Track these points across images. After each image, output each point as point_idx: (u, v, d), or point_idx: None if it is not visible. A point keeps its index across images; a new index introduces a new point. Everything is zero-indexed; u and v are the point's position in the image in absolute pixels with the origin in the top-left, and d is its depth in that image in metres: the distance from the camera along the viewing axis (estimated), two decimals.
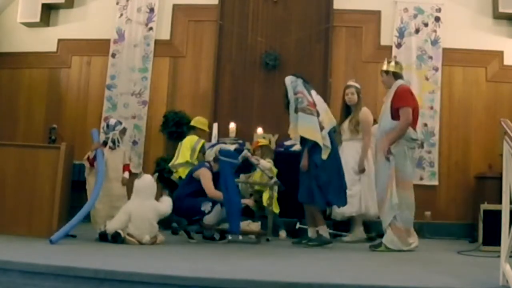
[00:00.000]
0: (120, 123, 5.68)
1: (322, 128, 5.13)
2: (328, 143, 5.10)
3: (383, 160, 5.04)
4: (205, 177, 5.28)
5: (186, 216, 5.25)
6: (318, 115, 5.17)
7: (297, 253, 4.57)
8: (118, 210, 5.05)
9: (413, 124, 5.12)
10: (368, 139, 5.72)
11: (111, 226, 4.82)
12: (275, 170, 6.14)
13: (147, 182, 5.01)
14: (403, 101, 5.06)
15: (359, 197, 5.73)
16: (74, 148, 5.43)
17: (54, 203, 4.80)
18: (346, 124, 5.85)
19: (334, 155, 5.18)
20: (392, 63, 5.33)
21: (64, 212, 4.98)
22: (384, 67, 5.32)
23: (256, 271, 3.38)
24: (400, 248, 4.96)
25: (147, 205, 4.86)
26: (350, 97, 5.85)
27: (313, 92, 5.34)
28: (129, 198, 5.20)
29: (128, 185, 5.45)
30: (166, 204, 5.01)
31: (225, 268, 3.46)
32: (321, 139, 5.03)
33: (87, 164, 5.47)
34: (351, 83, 5.99)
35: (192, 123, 6.82)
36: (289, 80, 5.37)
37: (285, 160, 6.32)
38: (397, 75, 5.28)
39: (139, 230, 4.75)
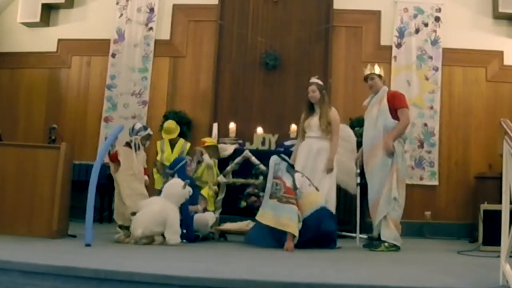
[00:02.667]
0: (145, 129, 5.57)
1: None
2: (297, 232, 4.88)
3: (381, 160, 5.08)
4: None
5: None
6: (297, 199, 4.90)
7: (297, 253, 4.56)
8: (135, 207, 5.12)
9: None
10: (337, 139, 5.65)
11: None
12: (216, 171, 6.23)
13: (173, 185, 5.04)
14: (402, 103, 5.25)
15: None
16: (74, 148, 5.42)
17: (54, 203, 4.80)
18: (314, 121, 5.64)
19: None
20: (377, 67, 5.38)
21: (64, 212, 4.98)
22: (375, 71, 5.36)
23: (256, 271, 3.38)
24: (398, 241, 5.02)
25: (161, 205, 4.86)
26: (311, 94, 5.68)
27: (298, 175, 5.09)
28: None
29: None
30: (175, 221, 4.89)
31: (225, 268, 3.46)
32: (296, 229, 4.77)
33: (109, 161, 5.41)
34: (313, 80, 5.81)
35: (164, 136, 6.87)
36: (273, 162, 5.14)
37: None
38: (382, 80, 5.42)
39: (138, 221, 4.77)
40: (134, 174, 5.36)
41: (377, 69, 5.38)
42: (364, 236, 5.77)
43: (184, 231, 5.04)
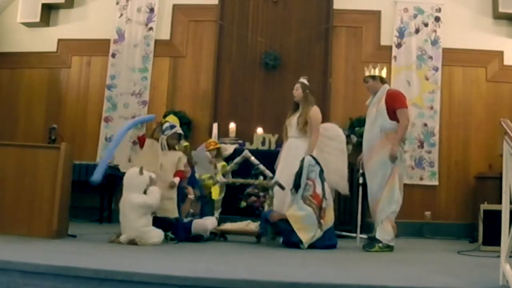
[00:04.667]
0: (172, 127, 5.41)
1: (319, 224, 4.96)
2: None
3: (379, 161, 5.08)
4: None
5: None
6: (319, 209, 4.97)
7: (297, 253, 4.57)
8: (160, 210, 5.00)
9: None
10: (315, 137, 5.62)
11: None
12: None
13: (129, 175, 4.89)
14: (400, 103, 5.17)
15: None
16: (74, 148, 5.40)
17: (54, 203, 4.79)
18: (293, 120, 5.69)
19: None
20: (378, 68, 5.36)
21: (64, 212, 4.97)
22: (371, 72, 5.35)
23: (256, 271, 3.38)
24: (393, 241, 5.00)
25: (128, 199, 4.76)
26: (294, 92, 5.72)
27: (326, 184, 5.16)
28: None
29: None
30: (145, 196, 4.75)
31: (225, 268, 3.46)
32: (305, 234, 4.84)
33: (138, 141, 5.37)
34: (300, 79, 5.84)
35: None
36: (307, 162, 5.15)
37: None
38: (383, 80, 5.35)
39: (122, 225, 4.74)
40: (158, 173, 5.16)
41: (372, 71, 5.36)
42: (364, 236, 5.77)
43: (172, 235, 5.02)
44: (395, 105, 5.15)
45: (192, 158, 6.50)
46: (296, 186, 5.14)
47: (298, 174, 5.14)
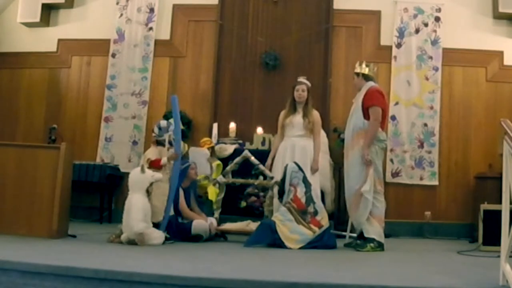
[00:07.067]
0: (170, 124, 5.47)
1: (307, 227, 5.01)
2: None
3: (354, 159, 5.09)
4: (180, 196, 5.39)
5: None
6: (302, 212, 5.03)
7: (297, 253, 4.57)
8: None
9: (381, 124, 5.19)
10: (319, 140, 5.84)
11: None
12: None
13: (132, 175, 4.92)
14: (373, 101, 5.14)
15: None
16: (74, 148, 5.39)
17: (54, 203, 4.79)
18: (297, 119, 5.77)
19: None
20: (363, 66, 5.38)
21: (64, 212, 4.97)
22: (356, 69, 5.39)
23: (256, 271, 3.38)
24: (382, 238, 4.99)
25: (130, 198, 4.80)
26: (301, 93, 5.78)
27: (315, 189, 5.30)
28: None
29: None
30: (151, 173, 4.82)
31: (225, 268, 3.46)
32: (294, 244, 4.89)
33: (146, 166, 5.15)
34: (303, 80, 5.92)
35: None
36: (290, 169, 5.25)
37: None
38: (367, 78, 5.35)
39: (124, 223, 4.75)
40: (166, 173, 5.24)
41: (358, 68, 5.39)
42: (354, 235, 5.72)
43: (168, 235, 5.00)
44: (368, 102, 5.13)
45: (188, 157, 6.52)
46: (281, 192, 5.24)
47: (282, 181, 5.26)
